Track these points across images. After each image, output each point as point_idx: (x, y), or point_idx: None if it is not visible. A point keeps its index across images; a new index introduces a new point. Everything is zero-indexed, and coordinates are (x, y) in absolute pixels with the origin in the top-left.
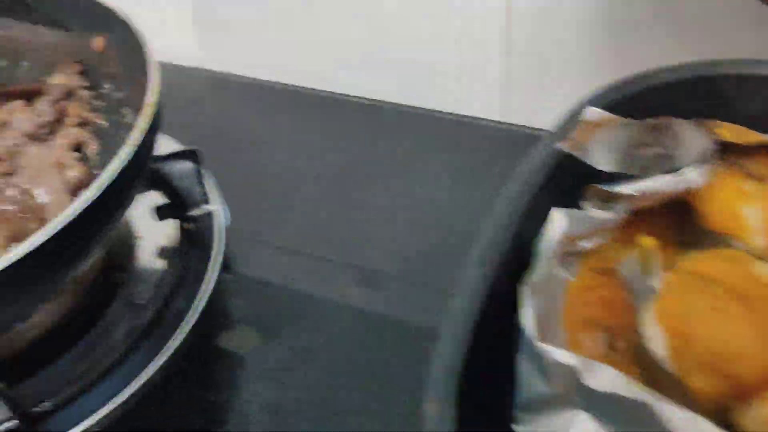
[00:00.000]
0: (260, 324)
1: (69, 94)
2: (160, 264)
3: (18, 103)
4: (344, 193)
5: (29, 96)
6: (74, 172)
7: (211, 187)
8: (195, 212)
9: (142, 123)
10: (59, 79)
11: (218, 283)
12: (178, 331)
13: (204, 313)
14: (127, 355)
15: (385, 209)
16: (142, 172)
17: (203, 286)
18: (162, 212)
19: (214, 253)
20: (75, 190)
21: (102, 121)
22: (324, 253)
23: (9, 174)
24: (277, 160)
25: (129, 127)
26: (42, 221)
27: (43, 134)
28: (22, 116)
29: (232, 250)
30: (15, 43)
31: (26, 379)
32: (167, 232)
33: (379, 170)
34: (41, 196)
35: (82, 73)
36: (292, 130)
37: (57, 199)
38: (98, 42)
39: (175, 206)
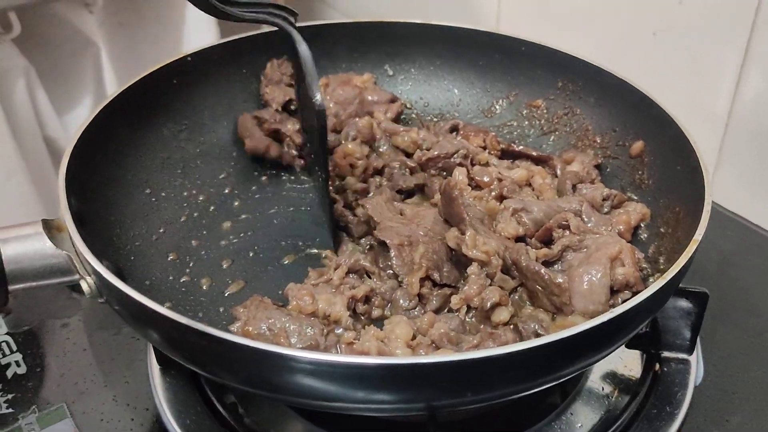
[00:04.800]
0: None
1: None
2: (607, 389)
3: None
4: None
5: (537, 161)
6: (624, 271)
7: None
8: (668, 354)
9: (683, 259)
10: (575, 167)
11: None
12: None
13: None
14: None
15: None
16: (662, 302)
17: None
18: (633, 340)
19: (677, 411)
20: (618, 289)
21: None
22: None
23: (572, 249)
24: None
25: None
26: (556, 303)
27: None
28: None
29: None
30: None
31: None
32: (628, 361)
33: None
34: (578, 281)
35: (598, 167)
36: None
37: (589, 291)
38: (637, 147)
39: (650, 340)
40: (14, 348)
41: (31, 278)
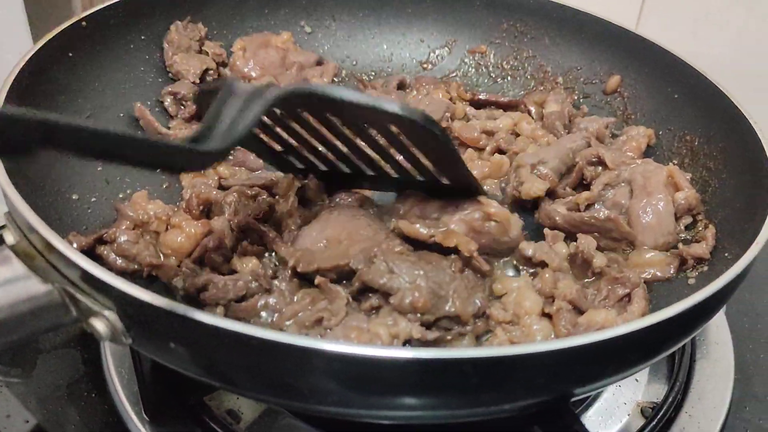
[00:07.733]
0: None
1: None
2: None
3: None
4: None
5: (507, 108)
6: (684, 195)
7: None
8: None
9: None
10: (553, 107)
11: None
12: None
13: None
14: None
15: None
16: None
17: None
18: None
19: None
20: (680, 215)
21: None
22: None
23: (610, 186)
24: None
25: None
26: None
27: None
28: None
29: None
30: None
31: None
32: None
33: None
34: (643, 215)
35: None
36: None
37: (658, 223)
38: (614, 81)
39: None
40: None
41: (13, 332)
